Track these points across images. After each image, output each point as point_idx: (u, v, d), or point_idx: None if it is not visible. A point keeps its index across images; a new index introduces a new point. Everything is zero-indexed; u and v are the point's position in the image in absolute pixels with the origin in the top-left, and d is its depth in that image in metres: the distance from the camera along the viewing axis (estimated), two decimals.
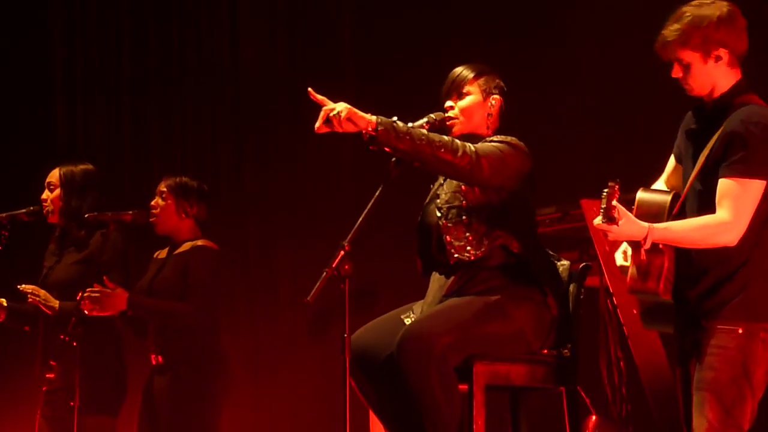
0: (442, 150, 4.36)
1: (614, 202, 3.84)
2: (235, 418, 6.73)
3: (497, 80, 4.72)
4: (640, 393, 5.88)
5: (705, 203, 3.95)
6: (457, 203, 4.53)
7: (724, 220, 3.87)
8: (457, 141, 4.42)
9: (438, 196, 4.60)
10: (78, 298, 5.68)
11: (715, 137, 3.93)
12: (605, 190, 3.82)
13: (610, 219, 3.83)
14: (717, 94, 4.01)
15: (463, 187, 4.53)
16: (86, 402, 5.66)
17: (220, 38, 8.07)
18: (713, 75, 3.99)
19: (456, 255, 4.50)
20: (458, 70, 4.73)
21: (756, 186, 3.87)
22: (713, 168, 3.93)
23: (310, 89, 4.44)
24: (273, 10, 7.98)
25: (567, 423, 4.64)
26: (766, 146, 3.87)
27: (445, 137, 4.43)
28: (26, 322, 6.11)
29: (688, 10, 3.99)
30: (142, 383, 6.06)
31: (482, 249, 4.49)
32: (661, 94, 6.36)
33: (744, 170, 3.86)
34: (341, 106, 4.39)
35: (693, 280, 3.97)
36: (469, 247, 4.50)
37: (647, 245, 3.89)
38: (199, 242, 6.05)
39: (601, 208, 3.84)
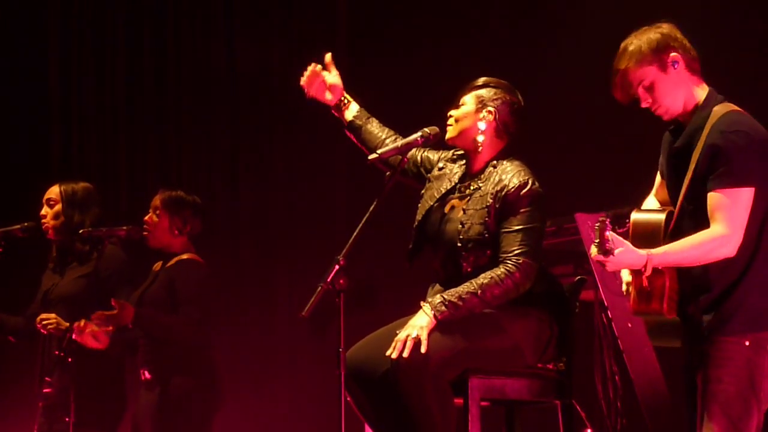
0: (489, 294, 4.42)
1: (608, 233, 3.84)
2: None
3: (505, 95, 4.69)
4: (635, 407, 5.88)
5: (699, 220, 3.95)
6: (480, 251, 4.53)
7: (721, 233, 3.86)
8: (496, 273, 4.44)
9: (461, 239, 4.55)
10: (77, 325, 5.68)
11: (698, 151, 3.93)
12: (597, 224, 3.84)
13: (605, 252, 3.84)
14: (691, 106, 4.01)
15: (486, 235, 4.52)
16: (83, 417, 5.65)
17: (216, 53, 8.08)
18: (679, 85, 3.99)
19: None
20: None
21: (745, 194, 3.87)
22: (701, 183, 3.93)
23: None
24: (268, 23, 7.99)
25: None
26: (748, 154, 3.87)
27: (483, 280, 4.43)
28: (10, 332, 6.10)
29: (630, 41, 4.05)
30: (135, 399, 6.05)
31: None
32: None
33: (731, 181, 3.86)
34: (419, 332, 4.36)
35: (694, 297, 3.97)
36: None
37: (648, 272, 3.90)
38: (184, 256, 6.04)
39: (595, 242, 3.84)
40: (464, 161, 4.75)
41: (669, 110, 4.03)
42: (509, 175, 4.56)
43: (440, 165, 4.80)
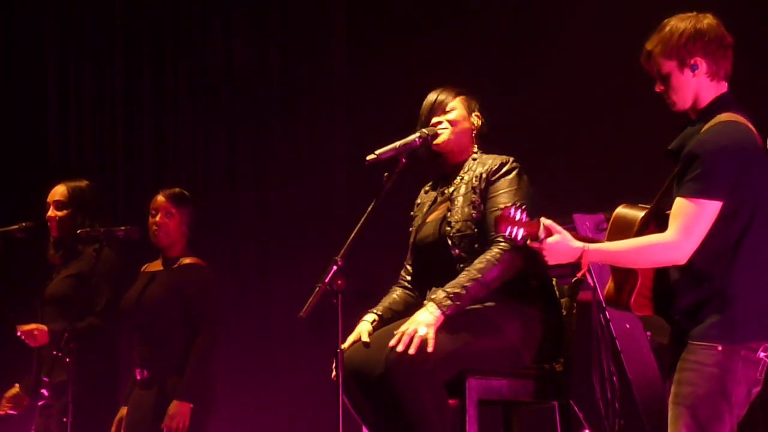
0: (488, 276, 4.43)
1: (542, 219, 3.89)
2: None
3: (475, 101, 4.79)
4: (633, 408, 5.88)
5: (665, 223, 3.95)
6: (469, 232, 4.55)
7: (668, 239, 3.86)
8: (489, 255, 4.45)
9: (448, 223, 4.60)
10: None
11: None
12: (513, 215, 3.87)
13: (529, 238, 3.88)
14: (699, 107, 4.01)
15: (474, 214, 4.55)
16: (77, 417, 5.65)
17: (213, 52, 8.08)
18: (692, 86, 3.99)
19: None
20: (436, 93, 4.78)
21: (710, 207, 3.84)
22: (676, 187, 3.93)
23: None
24: (265, 22, 8.00)
25: None
26: (720, 166, 3.84)
27: (479, 264, 4.45)
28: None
29: (668, 22, 4.03)
30: (124, 398, 6.04)
31: None
32: (653, 108, 6.38)
33: (697, 190, 3.84)
34: (427, 330, 4.36)
35: (672, 299, 3.96)
36: None
37: (584, 268, 3.90)
38: (187, 260, 6.04)
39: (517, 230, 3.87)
40: (433, 184, 4.82)
41: (677, 104, 4.04)
42: (490, 159, 4.66)
43: (417, 202, 4.88)
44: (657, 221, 3.98)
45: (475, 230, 4.55)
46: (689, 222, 3.84)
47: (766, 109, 4.22)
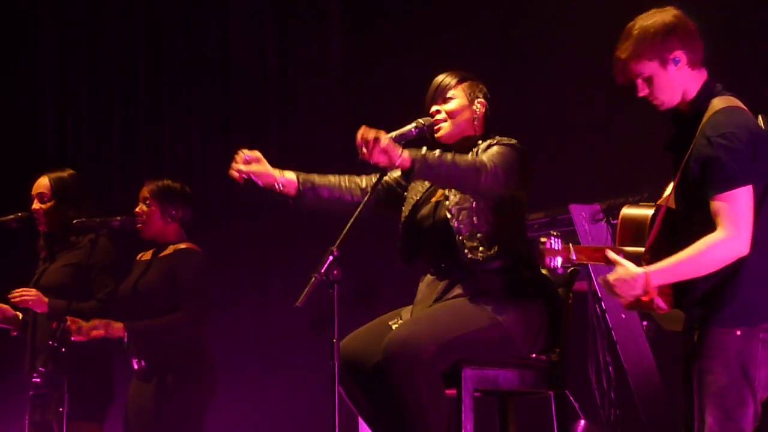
0: (468, 171, 4.37)
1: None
2: (222, 425, 6.72)
3: (481, 86, 4.73)
4: (628, 397, 5.89)
5: (690, 222, 3.93)
6: (467, 204, 4.54)
7: (724, 237, 3.84)
8: (477, 158, 4.44)
9: (446, 198, 4.60)
10: (55, 327, 5.66)
11: (691, 148, 3.92)
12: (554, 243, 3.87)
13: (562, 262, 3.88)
14: (689, 98, 3.99)
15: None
16: (73, 408, 5.66)
17: (209, 41, 8.08)
18: (678, 80, 3.97)
19: (470, 256, 4.50)
20: (441, 77, 4.73)
21: (742, 194, 3.84)
22: (694, 186, 3.91)
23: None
24: (262, 17, 7.99)
25: (556, 427, 4.65)
26: (737, 154, 3.83)
27: (467, 158, 4.44)
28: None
29: (635, 25, 4.00)
30: (125, 388, 6.03)
31: (493, 249, 4.50)
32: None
33: (727, 185, 3.83)
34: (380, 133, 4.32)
35: (686, 290, 3.96)
36: (481, 248, 4.50)
37: (653, 294, 3.89)
38: (182, 245, 6.04)
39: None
40: None
41: (665, 104, 4.02)
42: (494, 140, 4.59)
43: None
44: (673, 221, 3.98)
45: (473, 204, 4.53)
46: (734, 215, 3.83)
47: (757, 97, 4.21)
